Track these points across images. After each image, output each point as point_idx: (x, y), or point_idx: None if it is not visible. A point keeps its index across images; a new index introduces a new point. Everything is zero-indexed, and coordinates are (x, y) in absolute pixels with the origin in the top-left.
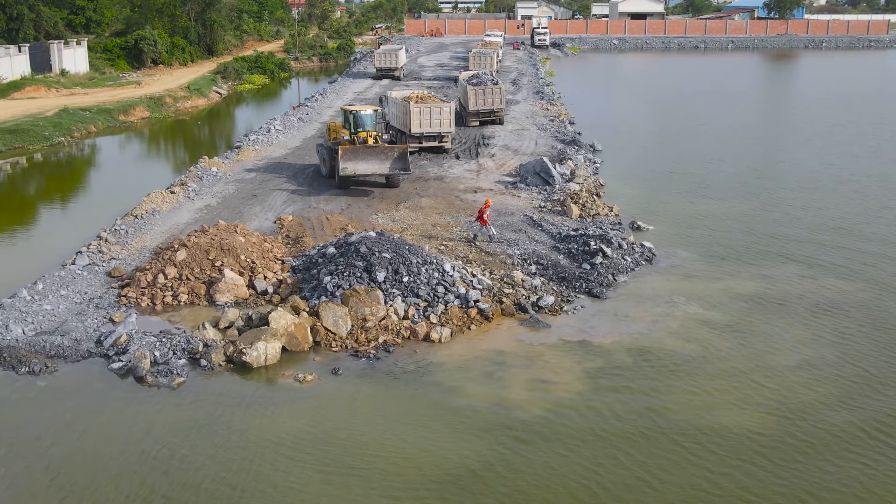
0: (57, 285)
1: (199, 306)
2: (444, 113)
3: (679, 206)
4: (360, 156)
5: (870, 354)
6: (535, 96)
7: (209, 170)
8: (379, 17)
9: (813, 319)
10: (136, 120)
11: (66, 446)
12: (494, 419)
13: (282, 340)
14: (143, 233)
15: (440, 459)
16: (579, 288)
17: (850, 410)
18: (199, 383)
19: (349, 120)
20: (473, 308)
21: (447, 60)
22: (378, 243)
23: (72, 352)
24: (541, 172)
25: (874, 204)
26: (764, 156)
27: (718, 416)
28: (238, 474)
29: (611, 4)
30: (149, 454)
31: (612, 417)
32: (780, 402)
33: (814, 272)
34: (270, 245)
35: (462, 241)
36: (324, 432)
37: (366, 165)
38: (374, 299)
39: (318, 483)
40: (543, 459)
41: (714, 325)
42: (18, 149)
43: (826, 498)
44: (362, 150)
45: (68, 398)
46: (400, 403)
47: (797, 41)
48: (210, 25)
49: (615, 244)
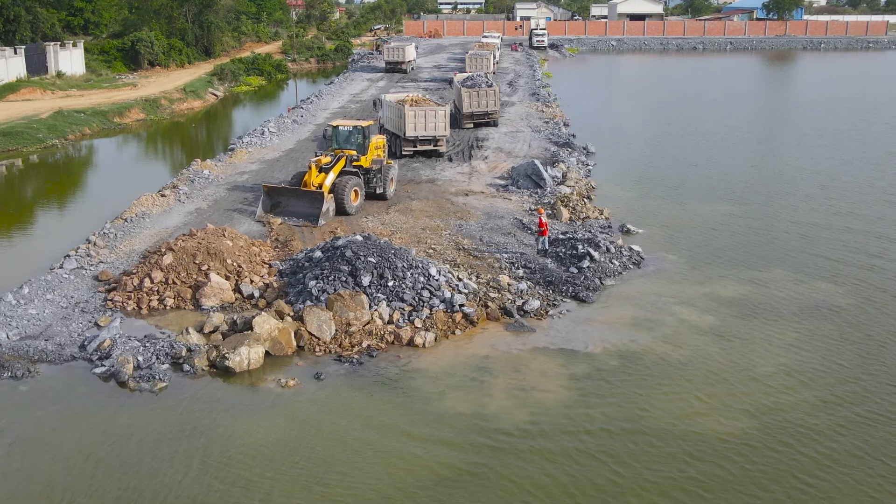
0: (43, 289)
1: (186, 310)
2: (439, 116)
3: (670, 209)
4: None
5: (853, 360)
6: (531, 98)
7: (201, 172)
8: (378, 18)
9: (798, 324)
10: (131, 122)
11: (45, 451)
12: (474, 426)
13: (265, 345)
14: (133, 236)
15: (419, 467)
16: (566, 292)
17: (832, 416)
18: (182, 388)
19: (325, 134)
20: (458, 312)
21: (444, 62)
22: (364, 247)
23: (55, 356)
24: (532, 175)
25: (863, 209)
26: (758, 159)
27: (701, 423)
28: (217, 480)
29: (609, 5)
30: (129, 459)
31: (594, 425)
32: (763, 408)
33: (801, 277)
34: (259, 248)
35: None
36: (303, 438)
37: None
38: (358, 304)
39: (298, 489)
40: (522, 468)
41: (700, 329)
42: (12, 151)
43: (805, 501)
44: (284, 192)
45: (49, 403)
46: (381, 409)
47: (795, 42)
48: (207, 27)
49: (603, 248)
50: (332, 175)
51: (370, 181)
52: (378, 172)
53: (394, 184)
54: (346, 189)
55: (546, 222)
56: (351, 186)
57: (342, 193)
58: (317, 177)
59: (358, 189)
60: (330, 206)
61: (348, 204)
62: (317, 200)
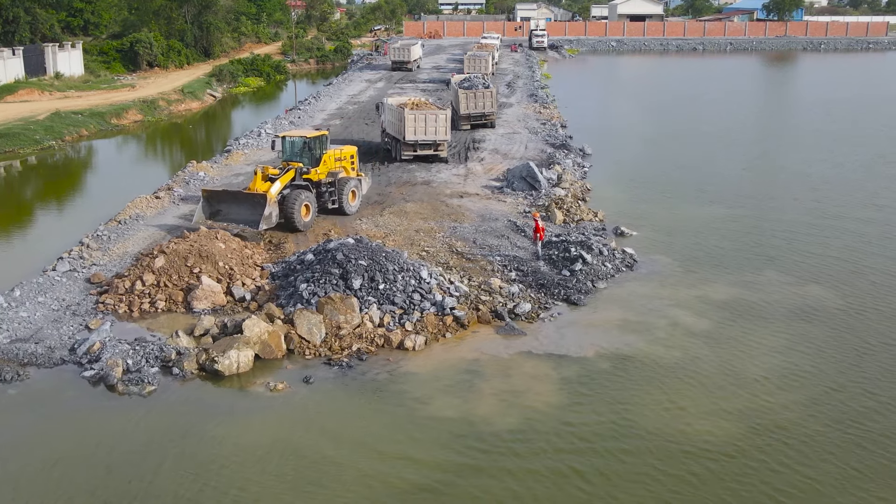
0: (35, 292)
1: (177, 313)
2: (440, 120)
3: (665, 211)
4: (221, 202)
5: (841, 363)
6: (529, 99)
7: (197, 174)
8: (378, 18)
9: (789, 327)
10: (129, 123)
11: (33, 455)
12: (462, 431)
13: (255, 348)
14: (126, 238)
15: (405, 472)
16: (557, 295)
17: (819, 419)
18: (171, 391)
19: (273, 145)
20: (449, 315)
21: (444, 63)
22: (355, 250)
23: (45, 359)
24: (527, 177)
25: (853, 212)
26: (754, 161)
27: (691, 426)
28: (205, 483)
29: (610, 6)
30: (116, 462)
31: (583, 429)
32: (752, 411)
33: (793, 280)
34: (251, 251)
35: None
36: (291, 442)
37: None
38: (348, 307)
39: (285, 493)
40: (510, 473)
41: (690, 332)
42: (9, 152)
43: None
44: (225, 196)
45: (38, 406)
46: (369, 413)
47: (795, 43)
48: (207, 28)
49: (596, 250)
50: (279, 185)
51: (322, 195)
52: (331, 186)
53: (357, 198)
54: (295, 203)
55: (543, 227)
56: (301, 201)
57: (291, 208)
58: (262, 184)
59: (309, 204)
60: (273, 212)
61: (298, 220)
62: (258, 205)
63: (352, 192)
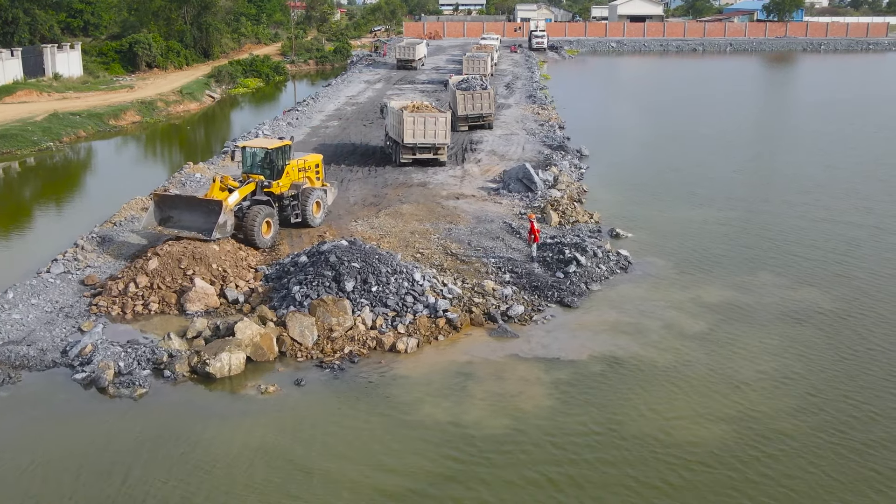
0: (28, 294)
1: (170, 315)
2: (440, 123)
3: (661, 213)
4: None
5: (833, 365)
6: (528, 100)
7: (193, 175)
8: (378, 19)
9: (781, 329)
10: (127, 124)
11: (23, 457)
12: (452, 435)
13: (247, 351)
14: (121, 240)
15: (394, 475)
16: (551, 297)
17: (810, 422)
18: (162, 394)
19: (233, 156)
20: (442, 318)
21: (443, 63)
22: (348, 252)
23: (37, 362)
24: (523, 179)
25: (843, 216)
26: (750, 163)
27: (682, 429)
28: (196, 486)
29: (610, 7)
30: (106, 465)
31: (575, 431)
32: (743, 414)
33: (786, 282)
34: (245, 253)
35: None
36: (281, 445)
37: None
38: (341, 309)
39: (276, 495)
40: (500, 476)
41: (683, 335)
42: (7, 154)
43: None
44: (178, 201)
45: (29, 408)
46: (359, 416)
47: (795, 44)
48: (206, 29)
49: (590, 252)
50: (237, 195)
51: (284, 208)
52: (294, 199)
53: (322, 209)
54: (256, 220)
55: (538, 229)
56: (262, 218)
57: (252, 225)
58: (219, 194)
59: (270, 220)
60: (228, 221)
61: (259, 238)
62: (213, 212)
63: (316, 204)
